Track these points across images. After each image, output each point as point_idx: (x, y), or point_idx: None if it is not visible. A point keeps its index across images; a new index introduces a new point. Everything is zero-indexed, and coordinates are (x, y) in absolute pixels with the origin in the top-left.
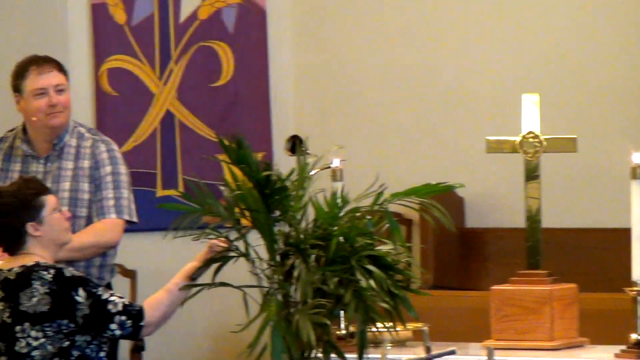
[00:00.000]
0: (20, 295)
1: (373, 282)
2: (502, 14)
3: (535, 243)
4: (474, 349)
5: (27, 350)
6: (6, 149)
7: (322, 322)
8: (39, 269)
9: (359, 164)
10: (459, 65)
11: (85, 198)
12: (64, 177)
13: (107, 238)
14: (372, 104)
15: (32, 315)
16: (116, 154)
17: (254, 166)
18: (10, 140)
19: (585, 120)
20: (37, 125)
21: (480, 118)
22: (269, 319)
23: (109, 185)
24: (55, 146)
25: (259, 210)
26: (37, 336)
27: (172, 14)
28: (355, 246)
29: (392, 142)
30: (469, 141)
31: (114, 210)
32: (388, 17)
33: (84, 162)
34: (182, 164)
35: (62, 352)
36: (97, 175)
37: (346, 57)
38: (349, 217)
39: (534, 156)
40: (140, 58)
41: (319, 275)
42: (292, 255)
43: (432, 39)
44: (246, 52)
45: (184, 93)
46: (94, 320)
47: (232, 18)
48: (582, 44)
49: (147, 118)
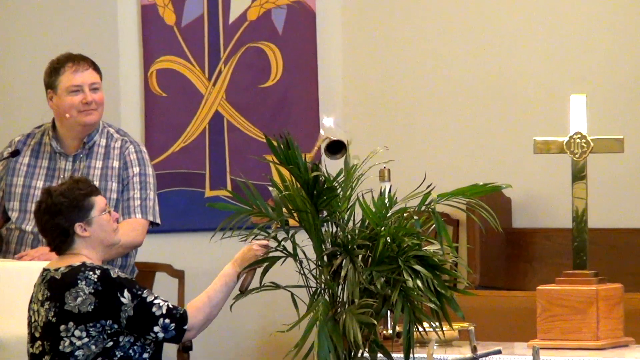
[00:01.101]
0: (65, 294)
1: (420, 282)
2: (549, 16)
3: (581, 243)
4: (520, 349)
5: (71, 350)
6: (34, 145)
7: (368, 322)
8: (85, 269)
9: (406, 165)
10: (506, 66)
11: (113, 197)
12: (92, 176)
13: (132, 238)
14: (420, 104)
15: (76, 315)
16: (145, 155)
17: (302, 167)
18: (38, 137)
19: (632, 120)
20: (70, 122)
21: (528, 119)
22: (316, 319)
23: (136, 186)
24: (85, 145)
25: (307, 211)
26: (80, 336)
27: (221, 15)
28: (402, 246)
29: (439, 143)
30: (517, 142)
31: (140, 210)
32: (437, 19)
33: (113, 162)
34: (230, 165)
35: (105, 352)
36: (125, 175)
37: (395, 58)
38: (397, 218)
39: (581, 157)
40: (189, 59)
41: (366, 275)
42: (339, 255)
43: (479, 41)
44: (295, 53)
45: (233, 94)
46: (138, 322)
47: (281, 19)
48: (629, 45)
49: (196, 119)
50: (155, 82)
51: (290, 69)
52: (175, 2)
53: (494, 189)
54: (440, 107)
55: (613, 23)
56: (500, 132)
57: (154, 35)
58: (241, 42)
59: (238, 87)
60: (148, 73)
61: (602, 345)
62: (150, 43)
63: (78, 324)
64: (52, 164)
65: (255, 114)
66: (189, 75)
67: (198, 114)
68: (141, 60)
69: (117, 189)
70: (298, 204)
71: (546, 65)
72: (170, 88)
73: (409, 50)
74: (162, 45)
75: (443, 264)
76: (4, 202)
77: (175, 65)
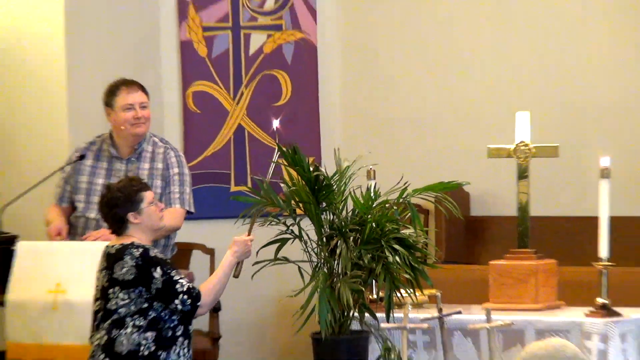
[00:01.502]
0: (115, 266)
1: (398, 258)
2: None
3: (524, 228)
4: (476, 310)
5: (115, 308)
6: (95, 150)
7: (358, 289)
8: (132, 247)
9: (388, 167)
10: (466, 92)
11: (157, 192)
12: (141, 175)
13: (173, 223)
14: (401, 120)
15: (120, 282)
16: (182, 159)
17: (306, 168)
18: (98, 144)
19: (565, 131)
20: (124, 133)
21: (484, 131)
22: (317, 287)
23: (176, 183)
24: (135, 150)
25: (310, 202)
26: (123, 297)
27: (243, 48)
28: (384, 230)
29: (415, 150)
30: (475, 149)
31: (179, 202)
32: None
33: (158, 164)
34: (250, 166)
35: (141, 312)
36: (167, 174)
37: (381, 84)
38: (380, 208)
39: (525, 160)
40: (218, 83)
41: (356, 253)
42: (335, 237)
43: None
44: (301, 79)
45: (252, 111)
46: (164, 294)
47: (290, 52)
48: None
49: (223, 131)
50: (192, 101)
51: (297, 92)
52: (206, 39)
53: (456, 186)
54: (416, 122)
55: (550, 53)
56: (462, 142)
57: (190, 65)
58: (259, 70)
59: (256, 105)
60: (186, 94)
61: (540, 307)
62: (187, 71)
63: (122, 288)
64: (110, 166)
65: (270, 126)
66: (217, 96)
67: (225, 126)
68: (180, 84)
69: (161, 186)
70: (303, 197)
71: (497, 90)
72: (203, 106)
73: (393, 78)
74: (196, 73)
75: (416, 244)
76: (73, 195)
77: (207, 88)
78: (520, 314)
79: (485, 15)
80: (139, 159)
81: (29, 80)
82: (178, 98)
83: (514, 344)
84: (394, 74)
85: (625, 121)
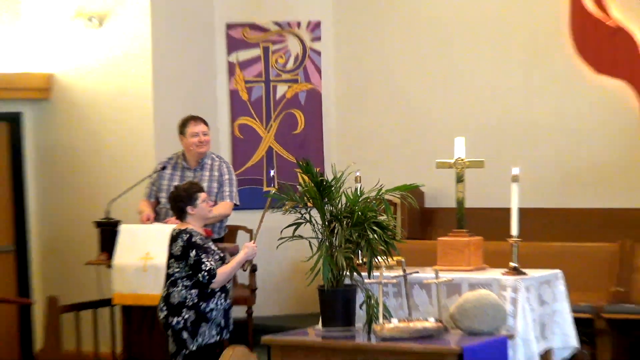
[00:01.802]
0: (172, 244)
1: (376, 235)
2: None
3: (461, 216)
4: (428, 271)
5: (172, 272)
6: (173, 163)
7: (349, 257)
8: (184, 232)
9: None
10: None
11: (214, 192)
12: (203, 180)
13: (223, 212)
14: (379, 143)
15: (175, 255)
16: (231, 169)
17: (314, 175)
18: (175, 158)
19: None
20: (192, 152)
21: (435, 149)
22: (321, 255)
23: (226, 185)
24: (199, 163)
25: (317, 198)
26: (176, 266)
27: (272, 95)
28: (367, 217)
29: (387, 163)
30: (428, 162)
31: (228, 197)
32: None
33: (214, 172)
34: (277, 174)
35: (188, 276)
36: (221, 179)
37: (364, 119)
38: (364, 202)
39: (461, 170)
40: (254, 118)
41: (348, 232)
42: (333, 222)
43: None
44: (311, 115)
45: (278, 137)
46: (193, 268)
47: (303, 97)
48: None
49: (259, 150)
50: (237, 130)
51: (308, 124)
52: (247, 88)
53: (415, 187)
54: (390, 143)
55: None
56: (419, 157)
57: (236, 105)
58: (282, 109)
59: (281, 133)
60: (233, 125)
61: (471, 269)
62: (234, 109)
63: (175, 260)
64: (182, 173)
65: (290, 147)
66: (254, 127)
67: (259, 148)
68: (230, 119)
69: (217, 187)
70: (312, 195)
71: (444, 120)
72: (245, 133)
73: (373, 115)
74: (240, 111)
75: (388, 226)
76: (157, 193)
77: (247, 122)
78: (458, 273)
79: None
80: (202, 169)
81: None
82: (228, 128)
83: (454, 293)
84: (374, 113)
85: (533, 140)
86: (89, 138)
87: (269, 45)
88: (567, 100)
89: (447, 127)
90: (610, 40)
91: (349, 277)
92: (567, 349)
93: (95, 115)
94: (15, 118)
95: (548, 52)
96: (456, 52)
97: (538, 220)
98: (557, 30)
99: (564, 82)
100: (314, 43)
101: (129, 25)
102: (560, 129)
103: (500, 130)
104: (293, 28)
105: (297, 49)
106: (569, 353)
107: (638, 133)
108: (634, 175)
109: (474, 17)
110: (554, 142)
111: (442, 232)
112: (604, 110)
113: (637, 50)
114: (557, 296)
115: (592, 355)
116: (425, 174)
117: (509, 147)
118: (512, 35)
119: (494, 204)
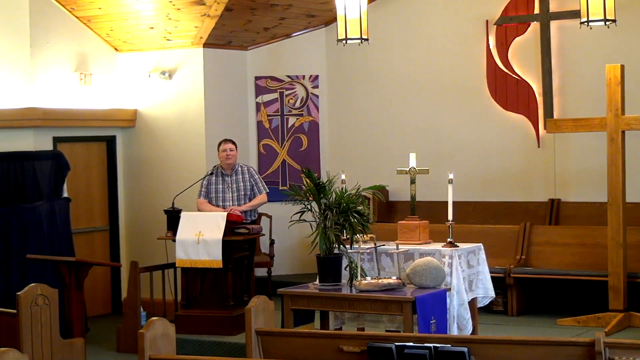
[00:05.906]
0: None
1: (356, 220)
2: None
3: (414, 206)
4: (392, 244)
5: None
6: (215, 171)
7: (338, 234)
8: None
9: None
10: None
11: (248, 188)
12: (237, 182)
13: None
14: (358, 156)
15: None
16: (255, 170)
17: (314, 179)
18: (215, 169)
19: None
20: (223, 163)
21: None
22: (319, 233)
23: (257, 182)
24: (233, 170)
25: (316, 195)
26: None
27: (285, 124)
28: (349, 207)
29: (364, 170)
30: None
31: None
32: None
33: (245, 176)
34: (289, 178)
35: None
36: (251, 180)
37: (348, 139)
38: (347, 197)
39: (414, 175)
40: (273, 139)
41: (336, 217)
42: (327, 210)
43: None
44: (311, 138)
45: (290, 153)
46: None
47: (307, 125)
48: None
49: (276, 162)
50: (262, 148)
51: (309, 144)
52: (269, 119)
53: (382, 187)
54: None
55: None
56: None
57: (261, 131)
58: (292, 134)
59: (292, 150)
60: (259, 145)
61: (421, 243)
62: (260, 134)
63: None
64: (222, 179)
65: (298, 160)
66: (274, 146)
67: (277, 160)
68: (257, 140)
69: (248, 187)
70: (312, 192)
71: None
72: (267, 150)
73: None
74: (264, 135)
75: (364, 214)
76: (208, 193)
77: (269, 142)
78: (412, 246)
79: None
80: (235, 174)
81: (185, 135)
82: (255, 146)
83: (409, 259)
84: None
85: (462, 155)
86: (160, 153)
87: (283, 91)
88: (484, 128)
89: (404, 147)
90: (514, 87)
91: (337, 248)
92: (487, 298)
93: (165, 138)
94: (112, 140)
95: (472, 95)
96: (410, 96)
97: (466, 209)
98: (478, 80)
99: (482, 116)
100: (314, 89)
101: (190, 77)
102: (480, 147)
103: (440, 148)
104: (300, 79)
105: (302, 94)
106: (488, 300)
107: (533, 150)
108: (530, 179)
109: (423, 73)
110: (476, 156)
111: (401, 217)
112: (510, 134)
113: (532, 95)
114: (479, 261)
115: (504, 302)
116: (389, 178)
117: (445, 159)
118: (447, 84)
119: (436, 198)
